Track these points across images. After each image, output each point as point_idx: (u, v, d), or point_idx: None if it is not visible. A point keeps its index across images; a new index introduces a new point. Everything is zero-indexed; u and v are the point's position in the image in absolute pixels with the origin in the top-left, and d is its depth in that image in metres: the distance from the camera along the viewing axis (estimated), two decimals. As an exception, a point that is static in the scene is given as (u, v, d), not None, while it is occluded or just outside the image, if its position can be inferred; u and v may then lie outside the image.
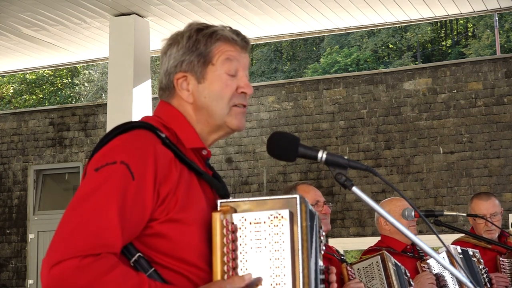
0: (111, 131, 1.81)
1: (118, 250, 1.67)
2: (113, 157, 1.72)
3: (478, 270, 4.47)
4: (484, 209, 4.91)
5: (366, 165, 1.90)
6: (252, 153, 9.93)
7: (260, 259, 1.71)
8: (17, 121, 11.17)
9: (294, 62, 27.91)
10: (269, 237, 1.71)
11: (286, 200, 1.74)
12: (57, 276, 1.58)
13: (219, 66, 1.91)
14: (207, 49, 1.91)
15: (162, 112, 1.95)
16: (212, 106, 1.91)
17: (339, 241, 9.28)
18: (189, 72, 1.92)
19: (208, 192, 1.86)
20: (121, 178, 1.68)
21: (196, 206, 1.78)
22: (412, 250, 4.34)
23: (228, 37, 1.92)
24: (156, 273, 1.71)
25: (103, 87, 21.49)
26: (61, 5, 8.18)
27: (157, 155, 1.74)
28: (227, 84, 1.91)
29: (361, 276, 3.82)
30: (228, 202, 1.76)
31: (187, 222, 1.74)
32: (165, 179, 1.73)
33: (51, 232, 10.69)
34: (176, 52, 1.93)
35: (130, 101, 8.28)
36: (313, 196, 3.65)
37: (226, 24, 2.00)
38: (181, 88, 1.93)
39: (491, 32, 22.68)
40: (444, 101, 9.21)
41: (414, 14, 9.06)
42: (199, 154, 1.93)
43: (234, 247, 1.72)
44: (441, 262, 1.87)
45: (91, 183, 1.70)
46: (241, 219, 1.73)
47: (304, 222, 1.74)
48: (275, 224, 1.72)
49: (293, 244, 1.71)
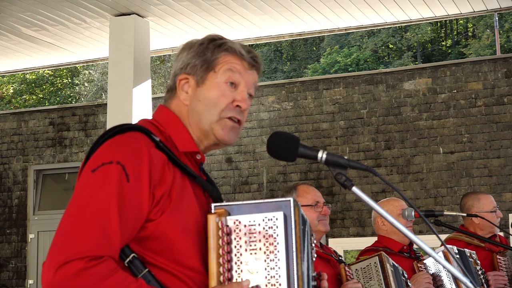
0: (106, 132, 1.82)
1: (118, 252, 1.69)
2: (109, 157, 1.73)
3: (475, 270, 4.47)
4: (491, 202, 4.93)
5: (366, 165, 1.90)
6: (252, 153, 9.93)
7: (255, 261, 1.72)
8: (17, 121, 11.18)
9: (294, 62, 27.91)
10: (264, 239, 1.73)
11: (280, 203, 1.76)
12: (62, 278, 1.59)
13: (220, 74, 1.94)
14: (212, 57, 1.94)
15: (160, 115, 1.97)
16: (204, 111, 1.92)
17: (339, 241, 9.28)
18: (191, 75, 1.96)
19: (200, 195, 1.88)
20: (118, 180, 1.70)
21: (188, 209, 1.79)
22: (408, 251, 4.35)
23: (236, 50, 1.96)
24: (150, 273, 1.73)
25: (103, 87, 21.49)
26: (61, 5, 8.18)
27: (151, 158, 1.75)
28: (224, 93, 1.93)
29: (359, 276, 3.83)
30: (222, 205, 1.78)
31: (180, 224, 1.76)
32: (159, 182, 1.75)
33: (51, 232, 10.69)
34: (186, 56, 1.98)
35: (130, 101, 8.28)
36: (313, 197, 3.65)
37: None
38: (181, 90, 1.96)
39: (491, 32, 22.68)
40: (444, 101, 9.20)
41: (414, 14, 9.06)
42: (193, 158, 1.95)
43: (229, 249, 1.73)
44: (440, 261, 1.87)
45: (89, 184, 1.71)
46: (236, 222, 1.74)
47: (298, 225, 1.76)
48: (270, 226, 1.73)
49: (287, 246, 1.72)
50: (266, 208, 1.75)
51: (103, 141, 1.80)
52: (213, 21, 8.74)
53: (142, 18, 8.60)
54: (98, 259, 1.62)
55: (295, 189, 3.68)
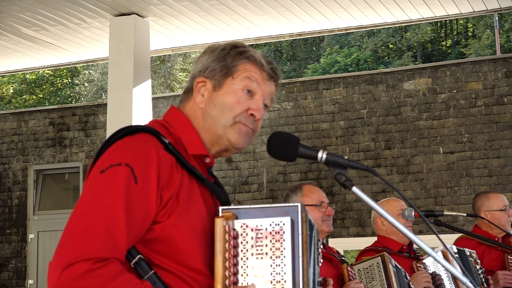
0: (115, 133, 1.82)
1: (124, 254, 1.70)
2: (118, 159, 1.74)
3: (475, 270, 4.47)
4: (502, 201, 4.87)
5: (366, 165, 1.90)
6: (252, 153, 9.93)
7: (261, 265, 1.73)
8: (17, 121, 11.18)
9: (294, 62, 27.93)
10: (270, 244, 1.73)
11: (287, 208, 1.76)
12: (68, 279, 1.59)
13: (238, 81, 1.94)
14: (233, 63, 1.95)
15: (170, 117, 1.98)
16: (218, 115, 1.93)
17: (339, 241, 9.28)
18: (209, 79, 1.96)
19: (207, 198, 1.88)
20: (126, 182, 1.71)
21: (195, 211, 1.80)
22: (408, 250, 4.35)
23: (256, 59, 1.97)
24: (156, 275, 1.73)
25: (103, 87, 21.48)
26: (61, 5, 8.18)
27: (160, 160, 1.76)
28: (240, 101, 1.93)
29: (361, 276, 3.83)
30: (230, 208, 1.78)
31: (187, 226, 1.76)
32: (167, 184, 1.75)
33: (51, 232, 10.69)
34: (206, 60, 1.99)
35: (130, 101, 8.28)
36: (317, 197, 3.65)
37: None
38: (198, 92, 1.97)
39: (491, 32, 22.68)
40: (444, 101, 9.21)
41: (414, 14, 9.06)
42: (202, 161, 1.95)
43: (235, 252, 1.73)
44: (439, 260, 1.87)
45: (97, 185, 1.72)
46: (243, 226, 1.75)
47: (305, 230, 1.76)
48: (277, 231, 1.73)
49: (293, 251, 1.73)
50: (274, 213, 1.76)
51: (113, 142, 1.80)
52: (213, 21, 8.74)
53: (142, 18, 8.60)
54: (104, 260, 1.62)
55: (300, 189, 3.68)
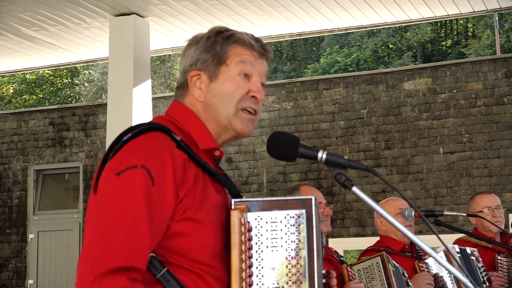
0: (126, 132, 1.81)
1: (148, 259, 1.71)
2: (134, 161, 1.73)
3: (476, 268, 4.46)
4: (489, 201, 4.94)
5: (366, 165, 1.90)
6: (252, 153, 9.93)
7: (276, 258, 1.73)
8: (17, 121, 11.18)
9: (294, 62, 27.93)
10: (286, 236, 1.73)
11: (301, 201, 1.76)
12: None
13: (233, 67, 1.93)
14: (222, 50, 1.93)
15: (175, 112, 1.96)
16: (220, 105, 1.92)
17: (339, 241, 9.28)
18: (203, 71, 1.94)
19: (220, 192, 1.88)
20: (144, 185, 1.70)
21: (210, 206, 1.80)
22: (410, 250, 4.34)
23: (245, 41, 1.95)
24: (169, 273, 1.74)
25: (103, 87, 21.48)
26: (61, 5, 8.19)
27: (174, 159, 1.76)
28: (238, 85, 1.92)
29: (361, 276, 3.83)
30: (243, 201, 1.78)
31: (202, 222, 1.76)
32: (182, 181, 1.75)
33: (51, 232, 10.69)
34: (194, 52, 1.96)
35: (130, 101, 8.28)
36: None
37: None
38: (194, 86, 1.95)
39: (491, 32, 22.68)
40: (444, 101, 9.21)
41: (414, 14, 9.06)
42: (211, 154, 1.95)
43: (250, 245, 1.73)
44: (439, 260, 1.87)
45: (116, 189, 1.71)
46: (257, 218, 1.75)
47: (317, 223, 1.77)
48: (292, 223, 1.73)
49: (310, 244, 1.73)
50: (288, 205, 1.76)
51: (126, 141, 1.78)
52: (213, 21, 8.74)
53: (142, 18, 8.60)
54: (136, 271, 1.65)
55: (297, 190, 3.68)
